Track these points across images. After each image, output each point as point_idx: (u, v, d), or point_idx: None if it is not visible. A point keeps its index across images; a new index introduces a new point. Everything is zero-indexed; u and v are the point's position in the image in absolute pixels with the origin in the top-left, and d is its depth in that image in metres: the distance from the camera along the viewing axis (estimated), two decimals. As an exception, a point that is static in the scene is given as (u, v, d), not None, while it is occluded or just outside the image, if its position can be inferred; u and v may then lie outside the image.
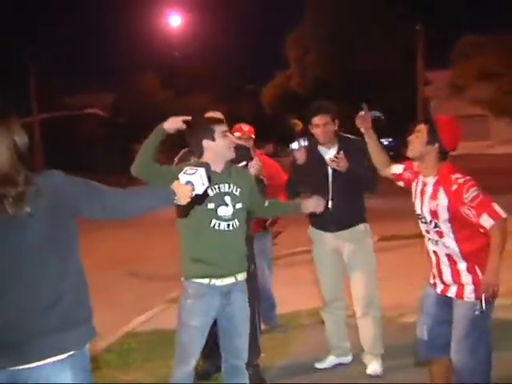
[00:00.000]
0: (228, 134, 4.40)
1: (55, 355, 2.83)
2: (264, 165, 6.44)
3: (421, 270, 4.63)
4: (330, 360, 5.76)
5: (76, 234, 3.00)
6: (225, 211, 4.25)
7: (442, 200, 4.09)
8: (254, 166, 5.24)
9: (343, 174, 5.32)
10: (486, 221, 3.92)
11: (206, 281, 4.22)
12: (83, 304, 3.00)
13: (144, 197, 3.28)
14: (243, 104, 52.13)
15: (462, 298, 4.16)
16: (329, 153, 5.49)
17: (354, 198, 5.55)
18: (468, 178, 4.09)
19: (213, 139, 4.28)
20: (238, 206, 4.32)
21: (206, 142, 4.29)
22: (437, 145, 4.17)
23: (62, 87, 40.90)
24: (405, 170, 4.52)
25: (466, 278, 4.13)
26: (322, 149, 5.56)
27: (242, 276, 4.38)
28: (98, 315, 3.09)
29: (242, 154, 5.33)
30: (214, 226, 4.22)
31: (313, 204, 4.64)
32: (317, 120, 5.45)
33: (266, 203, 4.62)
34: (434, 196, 4.15)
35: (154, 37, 42.39)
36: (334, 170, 5.41)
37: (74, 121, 37.45)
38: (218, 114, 5.22)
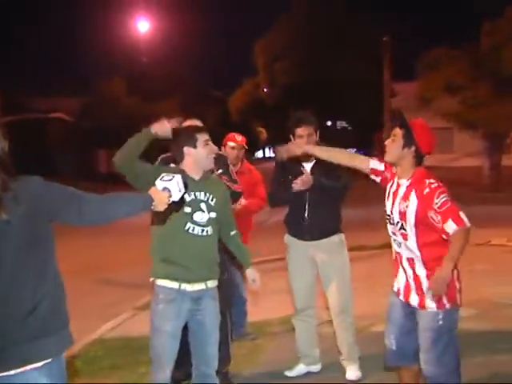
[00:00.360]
0: (210, 143, 4.45)
1: (32, 363, 2.81)
2: (251, 173, 6.75)
3: (389, 280, 4.66)
4: (300, 368, 5.79)
5: (53, 240, 2.99)
6: (201, 217, 4.32)
7: (413, 202, 4.14)
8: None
9: (320, 185, 5.38)
10: (451, 226, 3.97)
11: (175, 285, 4.25)
12: (60, 310, 2.98)
13: (122, 202, 3.27)
14: (210, 111, 52.09)
15: (424, 308, 4.21)
16: (309, 163, 5.55)
17: (331, 209, 5.62)
18: (441, 184, 4.16)
19: (194, 147, 4.35)
20: (212, 214, 4.38)
21: (187, 149, 4.36)
22: (413, 148, 4.22)
23: (27, 90, 40.51)
24: (386, 168, 4.50)
25: (426, 286, 4.18)
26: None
27: (212, 283, 4.41)
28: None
29: (219, 161, 5.38)
30: (188, 229, 4.28)
31: (252, 277, 4.61)
32: (300, 131, 5.47)
33: (233, 232, 4.64)
34: (405, 197, 4.20)
35: (122, 42, 42.24)
36: (312, 176, 5.46)
37: (39, 125, 37.02)
38: (196, 123, 5.27)
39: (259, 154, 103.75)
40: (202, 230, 4.31)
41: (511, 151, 32.09)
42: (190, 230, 4.28)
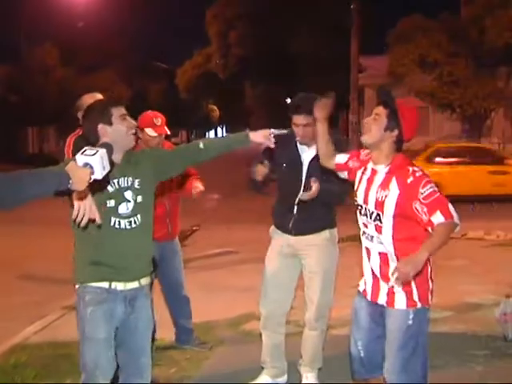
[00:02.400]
0: (127, 117, 4.20)
1: None
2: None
3: (349, 279, 4.64)
4: (264, 380, 5.70)
5: None
6: (126, 208, 4.14)
7: (393, 191, 4.11)
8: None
9: (319, 177, 5.25)
10: (438, 219, 3.94)
11: (105, 284, 4.09)
12: None
13: (31, 181, 3.17)
14: (154, 85, 51.79)
15: (392, 306, 4.21)
16: (308, 153, 5.40)
17: (324, 203, 5.43)
18: (425, 172, 4.14)
19: (110, 123, 4.11)
20: (139, 199, 4.19)
21: (101, 127, 4.10)
22: (396, 132, 4.18)
23: None
24: (349, 158, 4.53)
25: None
26: (300, 146, 5.45)
27: (146, 280, 4.29)
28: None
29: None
30: (114, 224, 4.10)
31: (262, 135, 4.41)
32: (296, 119, 5.29)
33: (201, 145, 4.38)
34: (384, 185, 4.16)
35: (55, 3, 41.39)
36: (308, 170, 5.36)
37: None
38: (97, 96, 5.13)
39: (211, 134, 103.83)
40: (130, 222, 4.14)
41: (492, 134, 32.51)
42: (117, 225, 4.10)
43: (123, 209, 4.12)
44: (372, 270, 4.31)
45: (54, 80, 37.80)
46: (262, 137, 4.42)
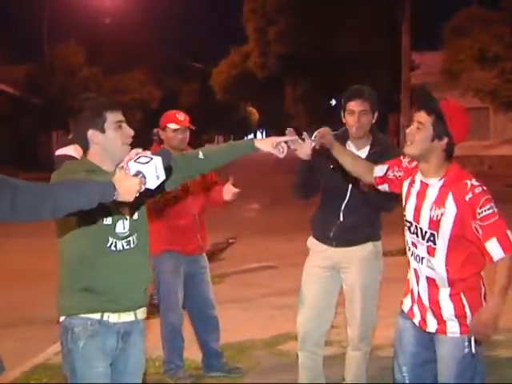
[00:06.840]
0: (124, 124, 3.99)
1: None
2: None
3: (396, 295, 4.59)
4: None
5: None
6: (122, 226, 3.90)
7: (450, 209, 3.97)
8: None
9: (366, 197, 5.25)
10: (495, 249, 3.86)
11: (96, 316, 3.87)
12: None
13: (70, 192, 3.15)
14: (188, 86, 51.95)
15: (444, 333, 4.12)
16: (358, 154, 5.31)
17: (371, 211, 5.47)
18: (485, 188, 3.98)
19: (102, 130, 3.90)
20: (135, 216, 3.97)
21: (92, 133, 3.90)
22: (445, 140, 4.01)
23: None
24: (388, 169, 4.40)
25: (447, 308, 4.10)
26: (350, 145, 5.43)
27: (142, 313, 4.09)
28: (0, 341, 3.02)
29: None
30: (110, 246, 3.87)
31: (270, 142, 4.23)
32: (353, 105, 5.31)
33: (201, 155, 4.16)
34: (439, 202, 4.02)
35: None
36: None
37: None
38: None
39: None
40: (127, 243, 3.92)
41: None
42: (113, 247, 3.87)
43: (120, 228, 3.89)
44: (419, 294, 4.22)
45: (80, 80, 38.09)
46: (270, 145, 4.22)
